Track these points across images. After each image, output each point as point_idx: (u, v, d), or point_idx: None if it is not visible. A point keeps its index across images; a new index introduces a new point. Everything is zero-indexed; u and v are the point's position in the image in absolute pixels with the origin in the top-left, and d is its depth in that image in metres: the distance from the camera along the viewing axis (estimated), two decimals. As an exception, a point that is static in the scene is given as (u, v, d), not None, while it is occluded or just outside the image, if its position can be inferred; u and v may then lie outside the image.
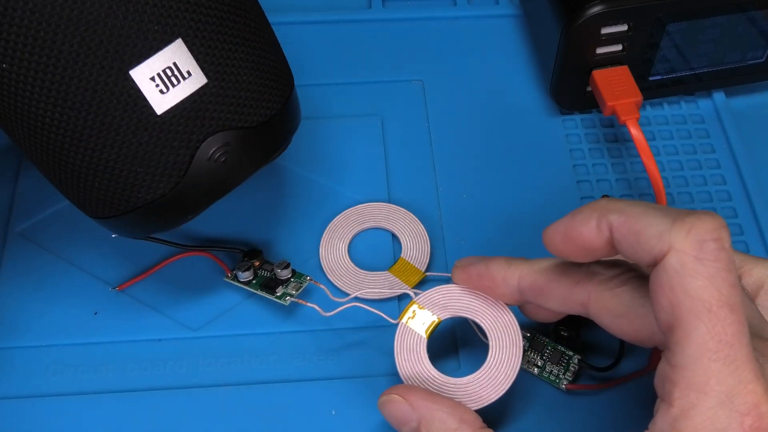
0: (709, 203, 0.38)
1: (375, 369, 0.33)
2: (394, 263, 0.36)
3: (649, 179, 0.36)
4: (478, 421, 0.28)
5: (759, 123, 0.42)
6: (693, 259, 0.23)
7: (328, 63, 0.43)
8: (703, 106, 0.42)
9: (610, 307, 0.27)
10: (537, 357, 0.33)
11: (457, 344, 0.34)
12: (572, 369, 0.32)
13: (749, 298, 0.27)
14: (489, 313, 0.31)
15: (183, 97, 0.27)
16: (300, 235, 0.37)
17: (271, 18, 0.44)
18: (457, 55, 0.44)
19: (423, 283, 0.35)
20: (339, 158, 0.39)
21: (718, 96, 0.42)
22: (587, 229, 0.26)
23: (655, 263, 0.23)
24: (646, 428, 0.24)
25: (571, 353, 0.33)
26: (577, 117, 0.42)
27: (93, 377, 0.33)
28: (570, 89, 0.40)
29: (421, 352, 0.30)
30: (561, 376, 0.32)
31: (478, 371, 0.30)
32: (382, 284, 0.35)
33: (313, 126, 0.41)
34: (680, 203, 0.38)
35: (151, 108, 0.26)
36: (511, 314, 0.31)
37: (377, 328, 0.34)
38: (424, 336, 0.31)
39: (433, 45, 0.44)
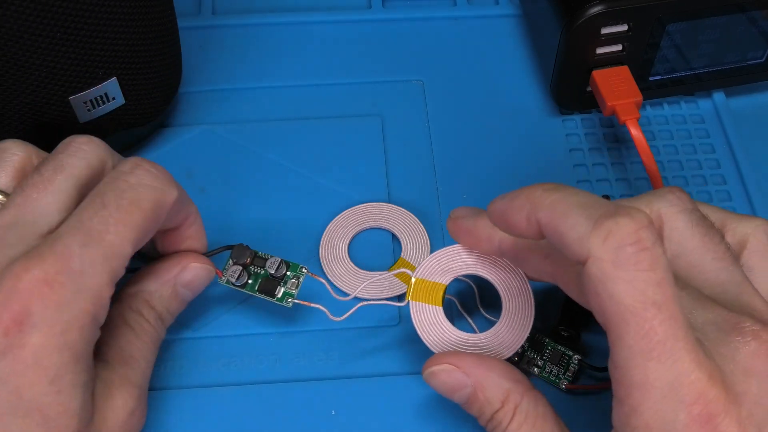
0: (709, 203, 0.38)
1: (375, 369, 0.33)
2: (394, 263, 0.36)
3: (649, 179, 0.36)
4: (528, 382, 0.29)
5: (759, 123, 0.42)
6: (611, 265, 0.23)
7: (328, 63, 0.43)
8: (703, 106, 0.42)
9: (574, 283, 0.28)
10: (537, 357, 0.33)
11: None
12: (572, 369, 0.32)
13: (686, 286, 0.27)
14: (490, 266, 0.31)
15: (103, 114, 0.36)
16: (300, 235, 0.37)
17: (272, 18, 0.45)
18: (457, 55, 0.44)
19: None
20: (339, 158, 0.39)
21: (718, 96, 0.42)
22: (519, 219, 0.26)
23: (580, 264, 0.24)
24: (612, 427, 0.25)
25: (571, 353, 0.33)
26: (577, 117, 0.42)
27: (93, 377, 0.33)
28: (570, 89, 0.40)
29: (441, 320, 0.31)
30: (561, 376, 0.32)
31: (499, 321, 0.31)
32: (382, 284, 0.35)
33: (313, 126, 0.41)
34: (680, 203, 0.38)
35: (76, 118, 0.35)
36: (516, 268, 0.31)
37: (378, 328, 0.34)
38: (437, 305, 0.31)
39: (433, 45, 0.44)
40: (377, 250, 0.36)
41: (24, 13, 0.31)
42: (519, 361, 0.33)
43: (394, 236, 0.37)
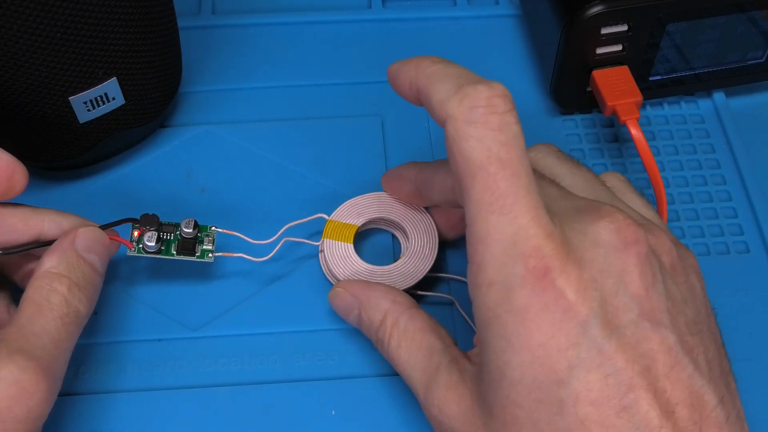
0: (709, 203, 0.38)
1: (375, 369, 0.33)
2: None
3: (649, 179, 0.36)
4: (408, 301, 0.31)
5: (759, 123, 0.41)
6: (464, 123, 0.25)
7: (328, 63, 0.43)
8: (703, 106, 0.42)
9: None
10: None
11: (463, 341, 0.34)
12: None
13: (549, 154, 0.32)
14: (400, 210, 0.35)
15: (103, 114, 0.36)
16: (300, 235, 0.37)
17: (272, 18, 0.45)
18: (457, 55, 0.43)
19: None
20: (339, 158, 0.39)
21: (718, 96, 0.42)
22: (403, 84, 0.28)
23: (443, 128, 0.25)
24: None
25: None
26: (577, 117, 0.42)
27: (93, 377, 0.33)
28: (570, 89, 0.40)
29: (351, 255, 0.34)
30: None
31: (405, 254, 0.34)
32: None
33: (313, 126, 0.41)
34: (680, 203, 0.38)
35: (76, 118, 0.35)
36: (422, 209, 0.35)
37: (377, 328, 0.34)
38: (348, 243, 0.35)
39: (433, 45, 0.44)
40: (379, 246, 0.37)
41: (24, 13, 0.31)
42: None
43: (396, 229, 0.36)
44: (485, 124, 0.24)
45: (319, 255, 0.35)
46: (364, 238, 0.37)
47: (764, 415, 0.33)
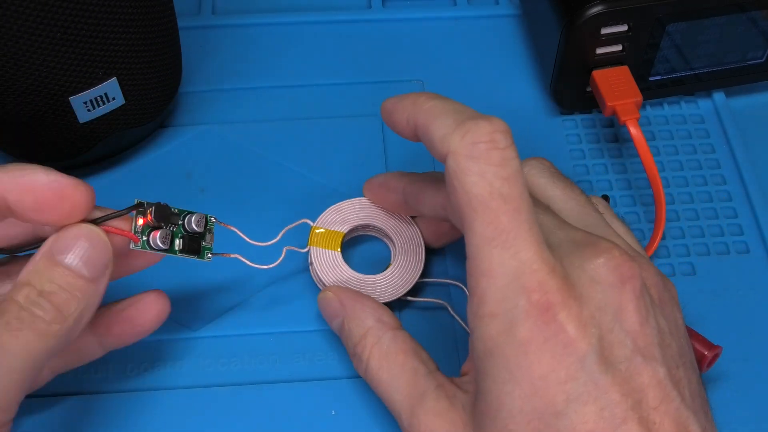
0: (709, 203, 0.38)
1: (375, 369, 0.33)
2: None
3: (649, 179, 0.36)
4: (394, 321, 0.31)
5: (759, 123, 0.41)
6: (465, 158, 0.25)
7: (328, 63, 0.43)
8: (703, 106, 0.42)
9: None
10: None
11: (457, 345, 0.34)
12: None
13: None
14: (385, 217, 0.35)
15: (103, 114, 0.36)
16: (300, 234, 0.37)
17: (272, 18, 0.45)
18: (457, 55, 0.44)
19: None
20: (339, 158, 0.39)
21: (718, 96, 0.42)
22: (400, 119, 0.28)
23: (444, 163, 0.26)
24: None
25: None
26: (577, 117, 0.42)
27: (92, 377, 0.33)
28: (570, 89, 0.40)
29: (339, 263, 0.34)
30: None
31: (392, 265, 0.34)
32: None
33: (313, 126, 0.41)
34: (680, 203, 0.38)
35: (76, 118, 0.35)
36: (408, 218, 0.35)
37: (377, 328, 0.34)
38: (335, 250, 0.34)
39: (433, 45, 0.44)
40: (371, 254, 0.37)
41: (24, 13, 0.31)
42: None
43: (384, 236, 0.36)
44: (487, 159, 0.25)
45: (309, 262, 0.35)
46: (351, 245, 0.37)
47: (764, 415, 0.33)
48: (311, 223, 0.34)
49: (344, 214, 0.35)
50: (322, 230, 0.35)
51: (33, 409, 0.32)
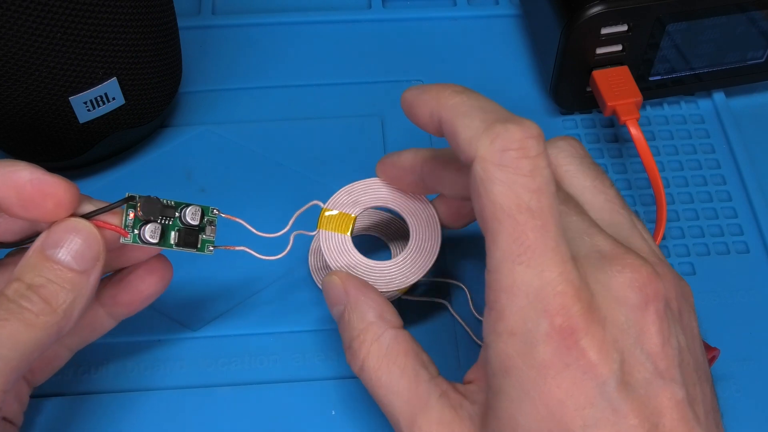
0: (709, 203, 0.38)
1: (375, 369, 0.33)
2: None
3: (649, 179, 0.36)
4: (396, 320, 0.29)
5: (759, 123, 0.41)
6: (494, 166, 0.23)
7: (328, 63, 0.43)
8: (703, 106, 0.42)
9: None
10: None
11: (457, 345, 0.34)
12: None
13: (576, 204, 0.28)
14: (400, 199, 0.33)
15: (103, 114, 0.36)
16: (299, 234, 0.37)
17: (272, 18, 0.45)
18: (457, 55, 0.44)
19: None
20: (339, 158, 0.39)
21: (718, 96, 0.42)
22: (423, 113, 0.27)
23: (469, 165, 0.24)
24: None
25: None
26: (577, 117, 0.42)
27: (92, 377, 0.33)
28: (570, 89, 0.40)
29: (349, 247, 0.32)
30: None
31: (406, 249, 0.32)
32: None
33: (313, 126, 0.41)
34: (680, 203, 0.38)
35: (76, 118, 0.35)
36: (424, 198, 0.32)
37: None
38: (345, 234, 0.32)
39: (433, 45, 0.44)
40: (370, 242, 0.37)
41: (24, 13, 0.31)
42: None
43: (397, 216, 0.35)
44: (516, 168, 0.23)
45: (310, 248, 0.35)
46: (360, 232, 0.37)
47: (764, 415, 0.33)
48: (322, 205, 0.33)
49: (356, 195, 0.33)
50: (333, 212, 0.33)
51: (31, 410, 0.32)
